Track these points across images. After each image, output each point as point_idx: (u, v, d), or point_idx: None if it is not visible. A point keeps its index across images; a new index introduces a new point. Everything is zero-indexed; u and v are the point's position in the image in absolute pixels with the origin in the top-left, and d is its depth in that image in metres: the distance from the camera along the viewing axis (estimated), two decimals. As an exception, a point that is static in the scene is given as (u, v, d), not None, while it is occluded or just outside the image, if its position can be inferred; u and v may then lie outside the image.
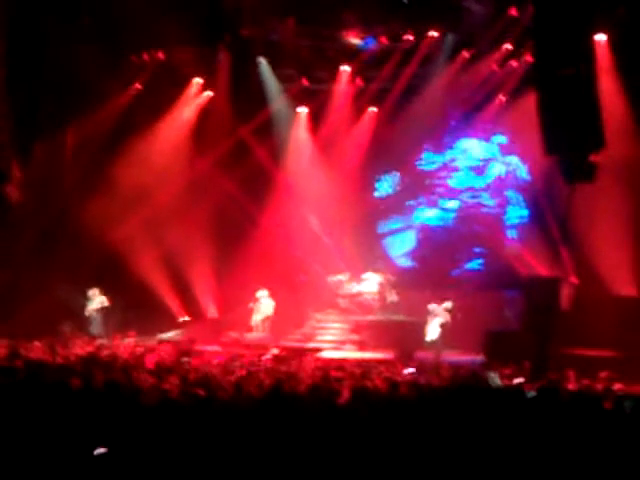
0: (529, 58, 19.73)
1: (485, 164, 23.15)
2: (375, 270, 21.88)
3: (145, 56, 22.33)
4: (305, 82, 23.36)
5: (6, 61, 19.85)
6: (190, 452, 7.20)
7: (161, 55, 22.31)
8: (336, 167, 22.83)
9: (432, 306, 19.16)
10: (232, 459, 7.23)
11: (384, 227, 24.02)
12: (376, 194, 24.21)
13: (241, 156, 22.79)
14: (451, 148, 23.52)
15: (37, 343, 16.06)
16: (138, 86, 22.63)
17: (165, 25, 20.06)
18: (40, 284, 20.60)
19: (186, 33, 20.61)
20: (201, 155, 22.68)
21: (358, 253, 22.46)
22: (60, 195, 22.08)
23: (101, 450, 7.14)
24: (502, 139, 22.98)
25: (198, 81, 22.97)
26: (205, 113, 23.07)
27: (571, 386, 11.80)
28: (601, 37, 17.71)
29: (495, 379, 11.63)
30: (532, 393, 9.70)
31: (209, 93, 23.14)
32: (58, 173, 22.37)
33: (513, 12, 20.22)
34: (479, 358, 17.06)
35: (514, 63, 21.50)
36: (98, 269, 21.10)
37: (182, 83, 22.87)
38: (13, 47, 19.91)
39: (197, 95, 23.11)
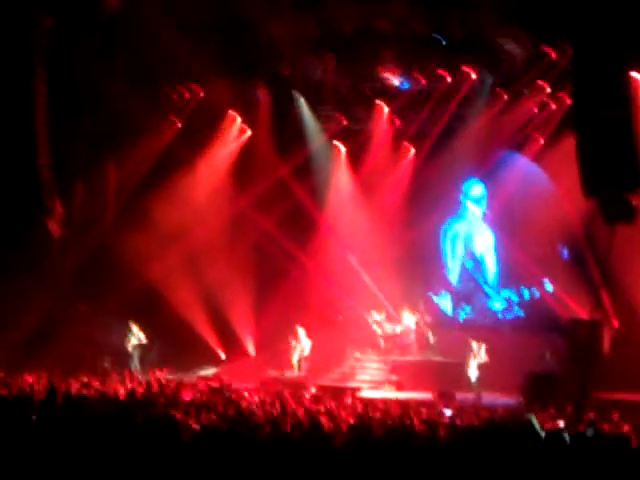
0: (567, 100, 19.72)
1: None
2: (413, 310, 21.78)
3: (185, 93, 22.55)
4: (344, 121, 23.51)
5: (47, 101, 20.20)
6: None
7: (200, 92, 22.52)
8: (376, 206, 22.86)
9: (474, 345, 19.09)
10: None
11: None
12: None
13: (281, 194, 22.81)
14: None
15: (83, 378, 16.23)
16: (178, 123, 22.86)
17: (203, 61, 20.31)
18: (80, 318, 20.79)
19: (224, 70, 20.84)
20: (241, 193, 22.80)
21: (398, 292, 22.41)
22: (101, 230, 22.29)
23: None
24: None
25: (237, 118, 23.18)
26: (245, 150, 23.25)
27: (611, 431, 11.64)
28: (637, 76, 17.59)
29: (534, 422, 11.49)
30: (569, 436, 9.58)
31: (248, 130, 23.33)
32: (99, 209, 22.61)
33: (551, 54, 20.23)
34: (519, 400, 16.89)
35: (552, 105, 21.49)
36: (138, 305, 21.24)
37: (221, 120, 23.08)
38: (53, 87, 20.24)
39: (236, 132, 23.32)
